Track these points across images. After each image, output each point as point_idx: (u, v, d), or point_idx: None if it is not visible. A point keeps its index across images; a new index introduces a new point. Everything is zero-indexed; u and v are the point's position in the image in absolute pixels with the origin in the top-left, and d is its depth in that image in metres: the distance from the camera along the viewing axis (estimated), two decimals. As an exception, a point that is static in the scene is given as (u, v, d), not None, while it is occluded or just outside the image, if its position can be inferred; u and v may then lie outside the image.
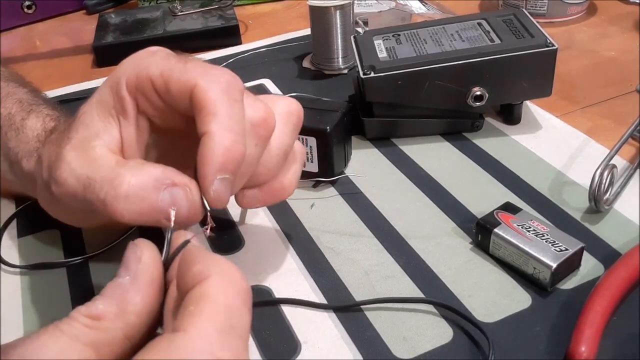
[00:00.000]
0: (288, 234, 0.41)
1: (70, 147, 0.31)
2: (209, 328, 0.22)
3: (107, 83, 0.33)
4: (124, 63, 0.33)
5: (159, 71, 0.31)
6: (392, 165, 0.47)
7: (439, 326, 0.34)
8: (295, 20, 0.75)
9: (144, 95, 0.31)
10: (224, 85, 0.30)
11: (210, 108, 0.29)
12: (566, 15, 0.68)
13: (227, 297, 0.23)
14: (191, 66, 0.31)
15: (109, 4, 0.81)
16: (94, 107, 0.32)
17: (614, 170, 0.40)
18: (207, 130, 0.29)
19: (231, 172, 0.29)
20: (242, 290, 0.24)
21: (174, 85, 0.30)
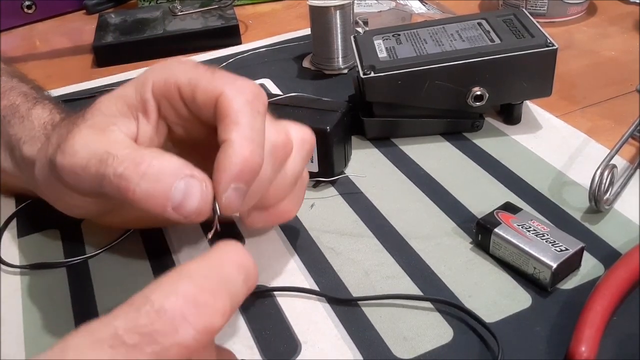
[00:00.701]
0: (288, 234, 0.41)
1: (86, 125, 0.32)
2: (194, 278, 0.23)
3: (132, 82, 0.33)
4: (153, 67, 0.33)
5: (187, 79, 0.31)
6: (392, 165, 0.47)
7: (439, 326, 0.34)
8: (295, 20, 0.75)
9: (169, 101, 0.32)
10: (249, 97, 0.30)
11: (233, 117, 0.30)
12: (566, 15, 0.68)
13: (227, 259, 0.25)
14: (218, 75, 0.31)
15: (109, 4, 0.81)
16: (113, 99, 0.33)
17: (614, 170, 0.40)
18: (227, 138, 0.29)
19: (246, 182, 0.29)
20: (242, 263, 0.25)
21: (201, 93, 0.31)
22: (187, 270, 0.24)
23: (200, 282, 0.23)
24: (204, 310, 0.22)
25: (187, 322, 0.22)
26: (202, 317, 0.22)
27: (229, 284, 0.24)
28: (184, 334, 0.22)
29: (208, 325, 0.22)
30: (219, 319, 0.23)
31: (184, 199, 0.29)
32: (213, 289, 0.23)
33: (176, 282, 0.23)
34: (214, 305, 0.23)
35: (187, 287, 0.23)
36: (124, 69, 0.66)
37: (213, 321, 0.22)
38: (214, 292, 0.23)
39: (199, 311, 0.22)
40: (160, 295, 0.22)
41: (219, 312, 0.23)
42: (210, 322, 0.22)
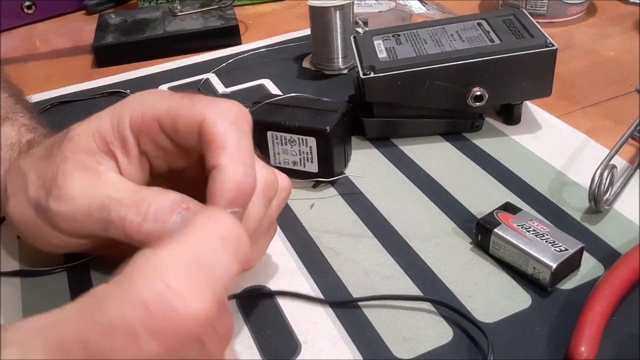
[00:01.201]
0: (288, 234, 0.41)
1: (73, 166, 0.31)
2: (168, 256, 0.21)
3: (107, 115, 0.32)
4: (129, 101, 0.32)
5: (165, 109, 0.30)
6: (392, 165, 0.47)
7: (439, 326, 0.34)
8: (295, 20, 0.75)
9: (148, 135, 0.31)
10: (232, 118, 0.30)
11: (219, 141, 0.29)
12: (566, 15, 0.68)
13: (205, 235, 0.22)
14: (197, 100, 0.30)
15: (109, 4, 0.82)
16: (90, 134, 0.32)
17: (614, 170, 0.40)
18: (217, 164, 0.28)
19: (241, 205, 0.29)
20: (227, 235, 0.23)
21: (182, 121, 0.30)
22: (155, 259, 0.21)
23: (169, 277, 0.20)
24: (169, 317, 0.19)
25: (148, 334, 0.19)
26: (168, 326, 0.19)
27: (210, 269, 0.21)
28: (144, 348, 0.19)
29: (179, 333, 0.20)
30: (193, 323, 0.20)
31: None
32: (187, 282, 0.20)
33: (137, 281, 0.20)
34: (187, 307, 0.20)
35: (149, 290, 0.19)
36: (124, 69, 0.66)
37: (185, 326, 0.20)
38: (188, 286, 0.20)
39: (164, 319, 0.19)
40: (115, 303, 0.19)
41: (192, 314, 0.20)
42: (181, 329, 0.19)
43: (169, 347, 0.19)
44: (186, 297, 0.20)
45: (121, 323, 0.19)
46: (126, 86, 0.61)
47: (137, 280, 0.20)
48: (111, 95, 0.60)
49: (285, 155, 0.45)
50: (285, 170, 0.45)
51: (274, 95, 0.48)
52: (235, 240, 0.23)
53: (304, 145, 0.44)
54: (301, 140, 0.44)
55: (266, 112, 0.45)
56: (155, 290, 0.20)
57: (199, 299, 0.20)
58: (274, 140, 0.45)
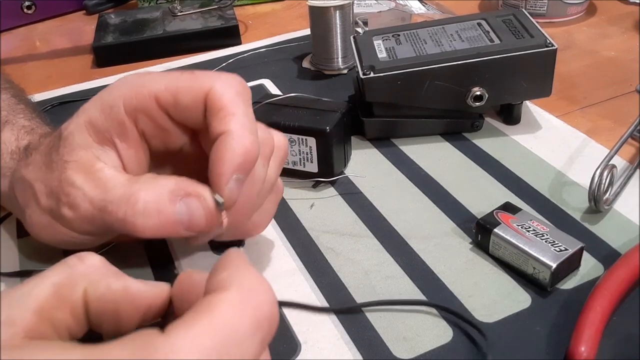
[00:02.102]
0: (288, 234, 0.41)
1: (73, 171, 0.31)
2: (195, 341, 0.19)
3: (96, 104, 0.32)
4: (117, 85, 0.32)
5: (163, 85, 0.30)
6: (392, 166, 0.47)
7: (438, 326, 0.34)
8: (295, 20, 0.75)
9: (145, 114, 0.31)
10: (239, 88, 0.30)
11: (229, 108, 0.29)
12: (566, 15, 0.68)
13: (235, 318, 0.20)
14: (200, 74, 0.31)
15: (109, 4, 0.82)
16: (83, 128, 0.32)
17: (613, 170, 0.40)
18: (227, 129, 0.29)
19: (246, 172, 0.29)
20: (259, 317, 0.21)
21: (185, 94, 0.30)
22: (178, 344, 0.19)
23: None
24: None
25: None
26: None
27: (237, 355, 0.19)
28: None
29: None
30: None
31: (190, 219, 0.29)
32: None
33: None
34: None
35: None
36: (124, 69, 0.66)
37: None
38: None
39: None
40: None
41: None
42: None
43: None
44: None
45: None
46: (126, 86, 0.61)
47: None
48: (111, 95, 0.60)
49: (285, 155, 0.45)
50: (285, 170, 0.45)
51: (274, 95, 0.48)
52: (268, 323, 0.21)
53: (304, 145, 0.44)
54: (301, 140, 0.44)
55: (266, 112, 0.45)
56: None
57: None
58: (274, 140, 0.45)
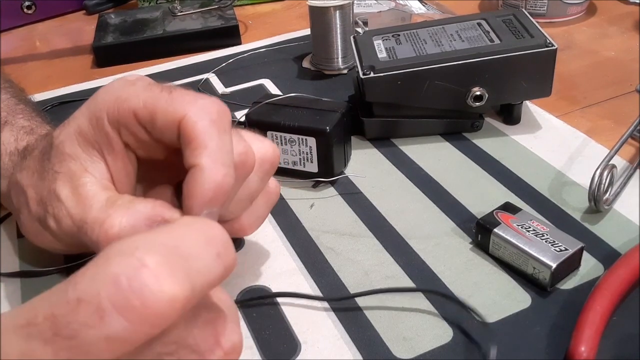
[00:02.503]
0: (288, 234, 0.41)
1: (62, 183, 0.31)
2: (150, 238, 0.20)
3: (84, 113, 0.32)
4: (102, 94, 0.31)
5: (142, 102, 0.29)
6: (392, 165, 0.47)
7: (438, 326, 0.34)
8: (295, 20, 0.75)
9: (126, 128, 0.30)
10: (214, 116, 0.29)
11: (200, 140, 0.28)
12: (566, 15, 0.68)
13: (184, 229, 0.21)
14: (178, 95, 0.29)
15: (109, 4, 0.82)
16: (74, 138, 0.31)
17: (613, 170, 0.40)
18: (197, 163, 0.28)
19: (218, 205, 0.28)
20: (209, 233, 0.22)
21: (161, 116, 0.29)
22: (133, 239, 0.20)
23: (144, 254, 0.19)
24: (140, 294, 0.18)
25: (116, 310, 0.18)
26: (137, 304, 0.18)
27: (190, 260, 0.20)
28: (110, 325, 0.18)
29: (149, 314, 0.18)
30: (164, 303, 0.18)
31: None
32: (163, 262, 0.19)
33: (111, 258, 0.19)
34: (160, 286, 0.18)
35: (121, 265, 0.18)
36: (124, 69, 0.66)
37: (157, 307, 0.18)
38: (164, 267, 0.19)
39: (131, 295, 0.18)
40: (85, 278, 0.19)
41: (165, 295, 0.18)
42: (152, 309, 0.18)
43: (138, 328, 0.18)
44: (160, 277, 0.19)
45: (89, 297, 0.18)
46: (126, 86, 0.61)
47: (111, 256, 0.19)
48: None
49: (285, 155, 0.45)
50: (285, 170, 0.45)
51: (274, 95, 0.48)
52: (221, 242, 0.22)
53: (304, 145, 0.44)
54: (301, 140, 0.44)
55: (266, 112, 0.45)
56: (128, 264, 0.19)
57: (175, 281, 0.19)
58: (274, 140, 0.45)
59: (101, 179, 0.31)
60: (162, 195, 0.33)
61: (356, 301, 0.36)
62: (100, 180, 0.31)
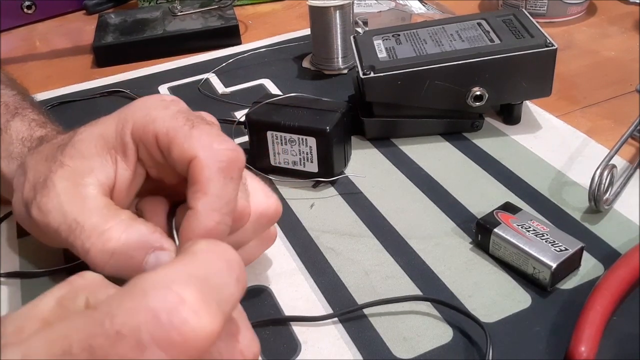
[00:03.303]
0: (288, 234, 0.41)
1: (62, 175, 0.31)
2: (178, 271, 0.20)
3: (114, 119, 0.32)
4: (135, 106, 0.32)
5: (166, 129, 0.30)
6: (392, 165, 0.47)
7: (439, 326, 0.34)
8: (295, 20, 0.75)
9: (146, 147, 0.31)
10: (223, 164, 0.29)
11: (202, 185, 0.29)
12: (566, 15, 0.68)
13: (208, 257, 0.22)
14: (197, 133, 0.30)
15: (109, 4, 0.81)
16: (94, 139, 0.32)
17: (613, 170, 0.40)
18: (193, 207, 0.29)
19: None
20: (229, 258, 0.22)
21: (176, 149, 0.30)
22: (167, 271, 0.20)
23: (182, 289, 0.19)
24: (180, 330, 0.19)
25: (156, 345, 0.18)
26: (178, 339, 0.18)
27: (219, 290, 0.21)
28: (152, 355, 0.18)
29: (188, 347, 0.19)
30: (203, 338, 0.19)
31: None
32: (200, 297, 0.19)
33: (148, 290, 0.19)
34: (199, 321, 0.19)
35: (160, 300, 0.19)
36: (124, 69, 0.66)
37: (196, 341, 0.19)
38: (201, 301, 0.19)
39: (172, 331, 0.18)
40: (124, 311, 0.19)
41: (204, 329, 0.19)
42: (191, 343, 0.19)
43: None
44: (199, 312, 0.19)
45: (129, 331, 0.18)
46: (126, 86, 0.61)
47: (148, 289, 0.19)
48: (111, 95, 0.60)
49: (285, 155, 0.45)
50: (285, 170, 0.45)
51: (274, 95, 0.48)
52: (238, 267, 0.22)
53: (304, 145, 0.44)
54: (301, 140, 0.44)
55: (266, 112, 0.45)
56: (167, 300, 0.19)
57: (211, 314, 0.19)
58: (274, 140, 0.45)
59: (104, 183, 0.31)
60: (156, 208, 0.33)
61: (357, 302, 0.36)
62: (102, 184, 0.31)
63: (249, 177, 0.35)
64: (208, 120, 0.33)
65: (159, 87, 0.61)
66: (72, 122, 0.42)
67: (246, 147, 0.48)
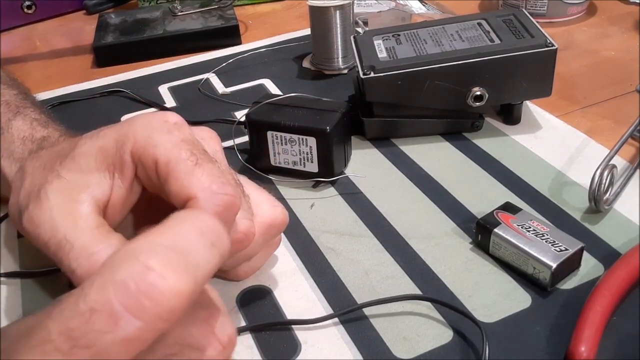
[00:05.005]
0: (288, 234, 0.41)
1: (57, 187, 0.31)
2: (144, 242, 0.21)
3: (114, 133, 0.32)
4: (137, 124, 0.31)
5: (167, 158, 0.29)
6: (392, 165, 0.47)
7: (438, 326, 0.34)
8: (295, 20, 0.75)
9: (144, 168, 0.31)
10: (220, 209, 0.29)
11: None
12: (566, 15, 0.68)
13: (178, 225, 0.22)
14: (199, 173, 0.29)
15: (109, 4, 0.81)
16: (94, 153, 0.31)
17: (614, 170, 0.40)
18: None
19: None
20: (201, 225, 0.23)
21: (175, 183, 0.29)
22: (133, 245, 0.21)
23: (147, 258, 0.20)
24: (149, 294, 0.19)
25: (129, 313, 0.19)
26: (148, 303, 0.19)
27: (188, 255, 0.21)
28: (125, 327, 0.19)
29: (160, 310, 0.19)
30: (172, 299, 0.20)
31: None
32: (165, 262, 0.20)
33: (115, 266, 0.20)
34: (167, 283, 0.20)
35: (128, 271, 0.20)
36: (124, 69, 0.66)
37: (165, 304, 0.19)
38: (167, 265, 0.20)
39: (141, 296, 0.19)
40: (94, 288, 0.19)
41: (172, 290, 0.20)
42: (162, 305, 0.19)
43: (152, 326, 0.19)
44: (165, 274, 0.20)
45: (101, 305, 0.19)
46: (126, 86, 0.61)
47: (115, 265, 0.20)
48: (111, 95, 0.60)
49: (285, 155, 0.45)
50: (285, 170, 0.45)
51: (274, 95, 0.48)
52: (213, 233, 0.23)
53: (304, 145, 0.44)
54: (301, 140, 0.44)
55: (266, 112, 0.45)
56: (134, 270, 0.20)
57: (178, 277, 0.20)
58: (274, 140, 0.45)
59: (99, 199, 0.31)
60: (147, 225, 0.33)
61: (357, 302, 0.36)
62: (97, 200, 0.31)
63: (253, 188, 0.35)
64: (211, 146, 0.33)
65: (159, 87, 0.61)
66: (72, 122, 0.42)
67: (246, 147, 0.48)
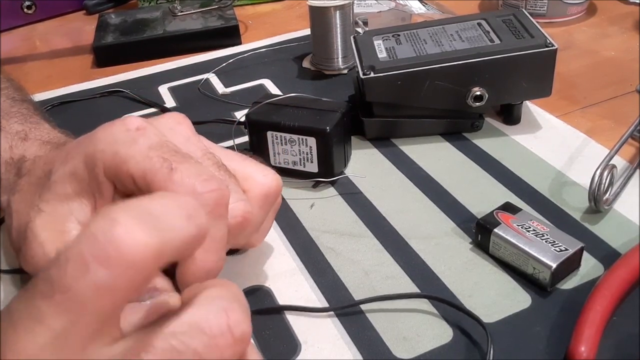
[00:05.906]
0: (288, 234, 0.41)
1: (41, 223, 0.31)
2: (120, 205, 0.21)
3: (80, 155, 0.31)
4: (100, 141, 0.31)
5: (142, 172, 0.29)
6: (392, 166, 0.47)
7: (438, 326, 0.34)
8: (295, 20, 0.75)
9: (123, 185, 0.31)
10: (210, 207, 0.29)
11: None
12: (566, 15, 0.68)
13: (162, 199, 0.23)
14: (177, 178, 0.29)
15: (109, 4, 0.81)
16: (67, 179, 0.32)
17: (613, 170, 0.40)
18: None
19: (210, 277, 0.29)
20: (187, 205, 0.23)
21: (157, 190, 0.29)
22: (108, 207, 0.22)
23: (117, 214, 0.21)
24: (114, 245, 0.20)
25: (96, 262, 0.20)
26: (113, 252, 0.20)
27: (160, 218, 0.22)
28: (95, 275, 0.20)
29: (124, 260, 0.20)
30: (137, 251, 0.20)
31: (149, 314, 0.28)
32: (134, 218, 0.21)
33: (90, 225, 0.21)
34: (130, 235, 0.20)
35: (97, 224, 0.21)
36: (124, 69, 0.66)
37: (128, 256, 0.20)
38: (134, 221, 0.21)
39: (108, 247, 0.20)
40: (72, 245, 0.21)
41: (136, 242, 0.20)
42: (125, 256, 0.20)
43: (119, 274, 0.20)
44: (130, 228, 0.21)
45: (74, 256, 0.20)
46: (126, 86, 0.61)
47: (90, 223, 0.21)
48: (111, 95, 0.60)
49: (285, 155, 0.45)
50: (285, 170, 0.45)
51: (274, 95, 0.48)
52: (192, 206, 0.23)
53: (304, 145, 0.44)
54: (301, 140, 0.44)
55: (266, 112, 0.45)
56: (103, 224, 0.21)
57: (144, 232, 0.21)
58: (274, 140, 0.45)
59: (85, 222, 0.31)
60: None
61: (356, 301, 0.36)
62: (84, 225, 0.30)
63: (239, 160, 0.35)
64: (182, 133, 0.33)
65: (159, 87, 0.61)
66: (72, 123, 0.42)
67: (246, 147, 0.48)
